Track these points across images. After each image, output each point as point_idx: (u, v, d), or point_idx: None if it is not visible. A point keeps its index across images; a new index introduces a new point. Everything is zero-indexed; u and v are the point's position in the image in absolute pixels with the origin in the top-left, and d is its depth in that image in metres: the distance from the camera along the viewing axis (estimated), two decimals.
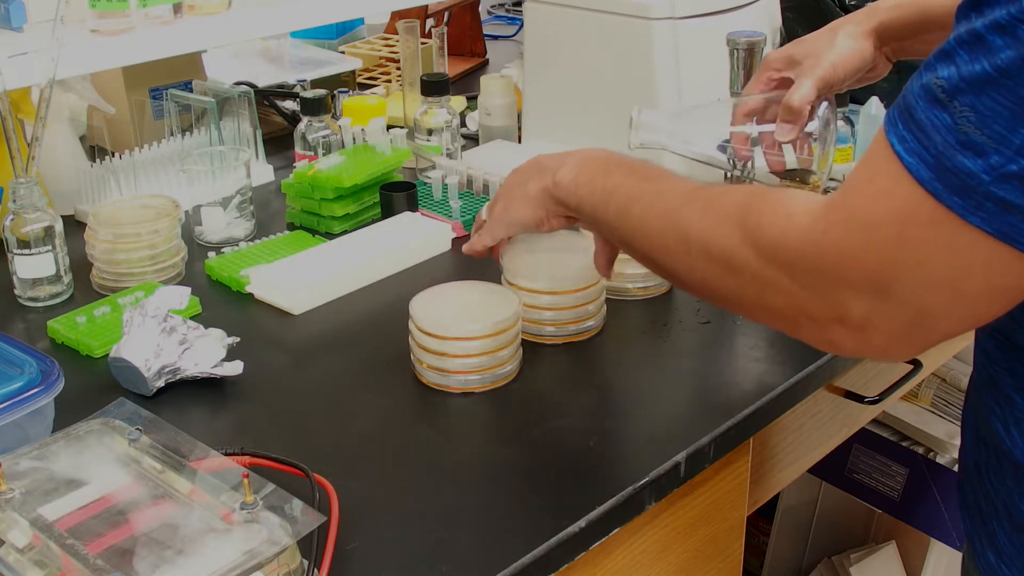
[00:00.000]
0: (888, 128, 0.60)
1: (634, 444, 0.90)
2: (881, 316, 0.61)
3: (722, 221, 0.69)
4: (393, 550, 0.77)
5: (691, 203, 0.73)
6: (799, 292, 0.64)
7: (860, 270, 0.61)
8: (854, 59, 1.00)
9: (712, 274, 0.70)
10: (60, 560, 0.67)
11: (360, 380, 0.99)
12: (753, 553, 1.75)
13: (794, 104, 0.99)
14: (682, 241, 0.73)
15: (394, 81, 1.79)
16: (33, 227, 1.10)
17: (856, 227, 0.61)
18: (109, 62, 1.29)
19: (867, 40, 1.01)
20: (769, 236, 0.65)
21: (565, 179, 0.88)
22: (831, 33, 1.01)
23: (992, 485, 0.75)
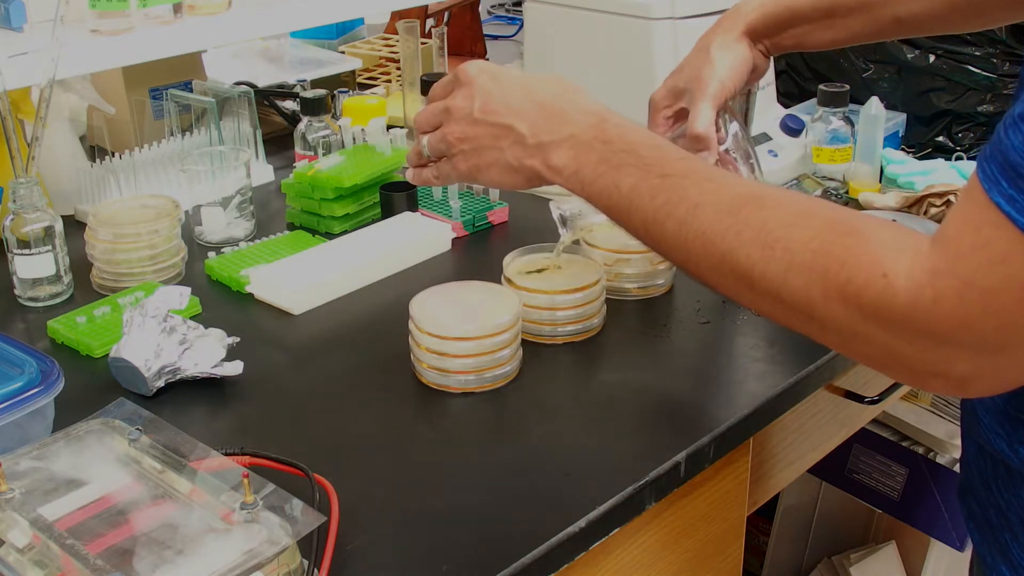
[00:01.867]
0: (988, 186, 0.57)
1: (634, 444, 0.90)
2: (990, 371, 0.60)
3: (797, 270, 0.64)
4: (393, 550, 0.77)
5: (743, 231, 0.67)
6: (899, 347, 0.62)
7: (975, 335, 0.59)
8: (737, 68, 0.98)
9: (784, 315, 0.67)
10: (60, 560, 0.67)
11: (360, 380, 0.99)
12: (753, 553, 1.75)
13: (699, 132, 0.95)
14: (742, 279, 0.68)
15: (394, 81, 1.79)
16: (33, 227, 1.10)
17: (972, 296, 0.58)
18: (109, 62, 1.29)
19: (741, 44, 0.99)
20: (865, 297, 0.61)
21: (565, 167, 0.79)
22: (703, 52, 0.99)
23: (1003, 497, 0.74)
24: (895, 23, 0.96)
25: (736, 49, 0.98)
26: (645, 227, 0.74)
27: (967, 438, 0.79)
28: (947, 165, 1.35)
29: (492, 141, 0.83)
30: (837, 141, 1.36)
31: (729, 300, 0.78)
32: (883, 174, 1.37)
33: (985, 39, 1.41)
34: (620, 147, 0.77)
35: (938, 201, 1.27)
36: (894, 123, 1.45)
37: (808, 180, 1.32)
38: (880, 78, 1.49)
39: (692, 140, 0.95)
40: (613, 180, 0.76)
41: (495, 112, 0.83)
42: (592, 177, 0.78)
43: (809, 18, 0.98)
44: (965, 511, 0.80)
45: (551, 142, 0.80)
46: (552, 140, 0.80)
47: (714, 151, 0.96)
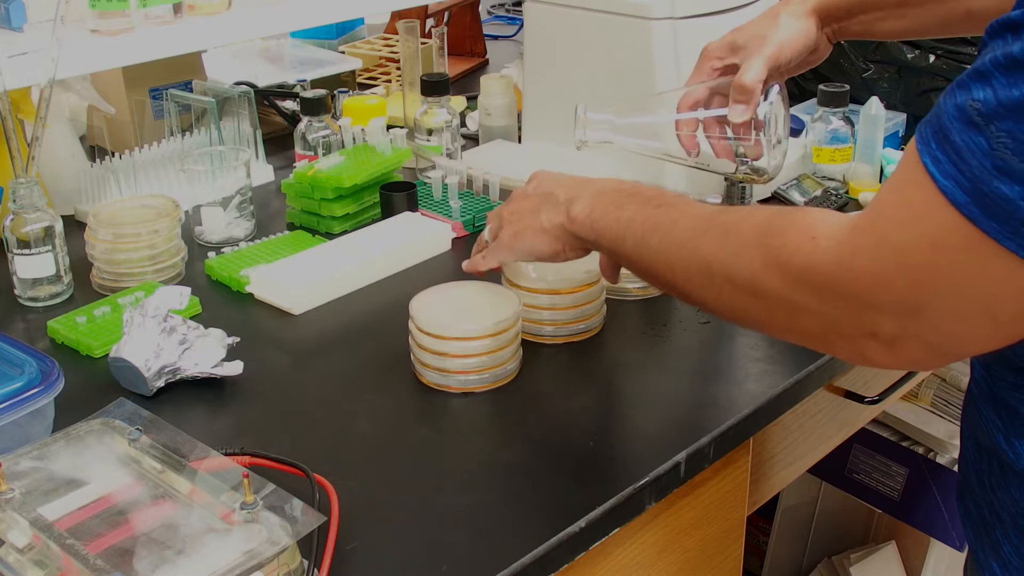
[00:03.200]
0: (921, 147, 0.59)
1: (634, 444, 0.90)
2: (913, 335, 0.61)
3: (743, 247, 0.68)
4: (393, 550, 0.77)
5: (709, 230, 0.73)
6: (829, 313, 0.63)
7: (890, 294, 0.60)
8: (799, 39, 0.99)
9: (739, 301, 0.70)
10: (60, 560, 0.67)
11: (360, 380, 0.99)
12: (753, 553, 1.75)
13: (747, 82, 0.97)
14: (705, 271, 0.72)
15: (394, 81, 1.79)
16: (33, 227, 1.10)
17: (887, 252, 0.60)
18: (109, 62, 1.29)
19: (809, 20, 1.00)
20: (794, 261, 0.64)
21: (581, 214, 0.86)
22: (772, 16, 1.01)
23: (996, 495, 0.74)
24: (967, 16, 0.96)
25: (804, 22, 1.00)
26: (636, 248, 0.80)
27: (966, 434, 0.80)
28: None
29: (535, 208, 0.91)
30: (837, 141, 1.36)
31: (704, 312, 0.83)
32: (883, 174, 1.37)
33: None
34: (630, 191, 0.84)
35: None
36: (894, 123, 1.45)
37: (808, 180, 1.32)
38: (880, 78, 1.49)
39: (737, 89, 0.97)
40: (616, 216, 0.83)
41: (544, 185, 0.92)
42: (601, 217, 0.85)
43: (882, 5, 0.98)
44: (962, 510, 0.81)
45: (577, 197, 0.87)
46: (577, 196, 0.88)
47: (752, 107, 0.97)
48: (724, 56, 1.02)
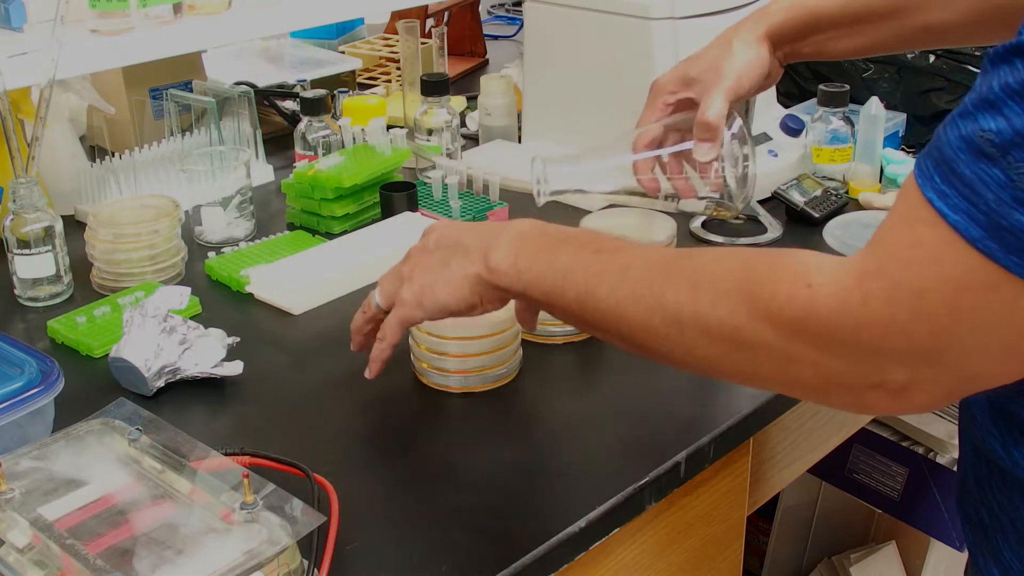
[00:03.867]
0: (922, 181, 0.56)
1: (634, 444, 0.90)
2: (927, 381, 0.58)
3: (720, 297, 0.63)
4: (393, 550, 0.77)
5: (671, 278, 0.67)
6: (831, 364, 0.59)
7: (907, 341, 0.56)
8: (755, 68, 0.96)
9: (717, 353, 0.65)
10: (60, 560, 0.67)
11: (360, 380, 0.99)
12: (753, 553, 1.75)
13: (711, 120, 0.92)
14: (673, 323, 0.66)
15: (394, 81, 1.79)
16: (33, 227, 1.10)
17: (903, 297, 0.56)
18: (109, 62, 1.29)
19: (762, 46, 0.97)
20: (790, 311, 0.60)
21: (502, 263, 0.77)
22: (724, 44, 0.97)
23: (995, 499, 0.73)
24: (923, 31, 0.94)
25: (757, 49, 0.96)
26: (578, 301, 0.72)
27: (963, 438, 0.79)
28: None
29: (443, 260, 0.81)
30: (837, 141, 1.36)
31: None
32: (883, 174, 1.37)
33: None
34: (558, 236, 0.77)
35: None
36: (894, 123, 1.45)
37: (808, 180, 1.32)
38: (880, 78, 1.49)
39: (701, 127, 0.93)
40: (548, 262, 0.75)
41: (447, 237, 0.82)
42: (529, 265, 0.76)
43: (835, 24, 0.96)
44: (961, 512, 0.80)
45: (493, 245, 0.78)
46: (495, 243, 0.78)
47: (718, 144, 0.93)
48: (677, 90, 0.98)
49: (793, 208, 1.29)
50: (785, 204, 1.29)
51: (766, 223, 1.27)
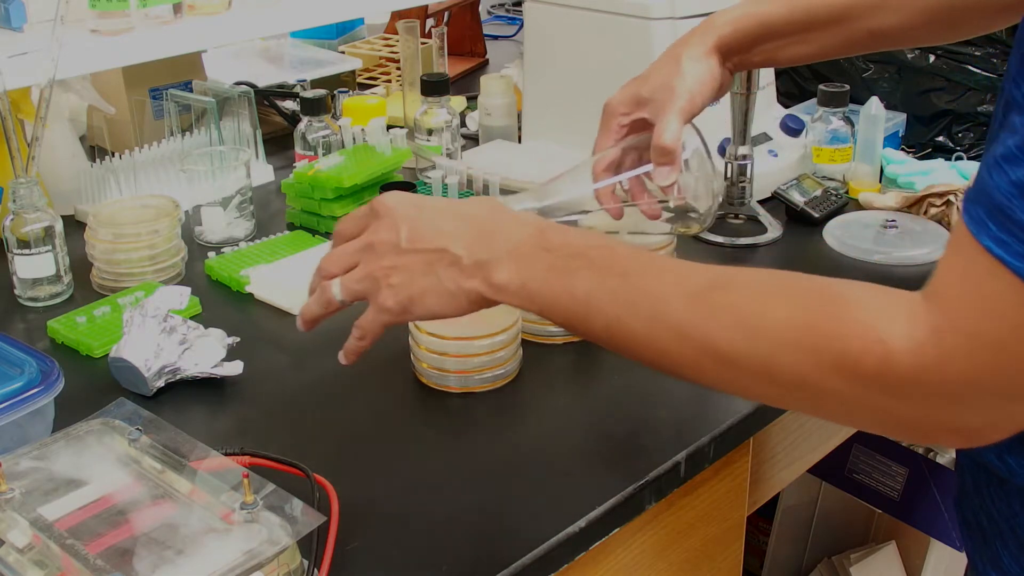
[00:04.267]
0: (976, 230, 0.55)
1: (634, 444, 0.90)
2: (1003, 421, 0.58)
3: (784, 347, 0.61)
4: (393, 550, 0.77)
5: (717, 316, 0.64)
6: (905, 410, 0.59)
7: (987, 389, 0.56)
8: (707, 83, 0.94)
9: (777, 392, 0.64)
10: (60, 560, 0.67)
11: (360, 380, 0.99)
12: (753, 553, 1.75)
13: (667, 144, 0.90)
14: (726, 365, 0.64)
15: (394, 81, 1.79)
16: (33, 227, 1.10)
17: (981, 350, 0.56)
18: (109, 62, 1.29)
19: (712, 59, 0.95)
20: (865, 367, 0.58)
21: (510, 283, 0.72)
22: (673, 61, 0.95)
23: (994, 505, 0.73)
24: (870, 36, 0.94)
25: (707, 63, 0.95)
26: (608, 330, 0.69)
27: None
28: (947, 165, 1.35)
29: (425, 268, 0.74)
30: (837, 141, 1.36)
31: None
32: (883, 174, 1.37)
33: (985, 39, 1.41)
34: (566, 253, 0.71)
35: (938, 201, 1.27)
36: (894, 123, 1.45)
37: (808, 180, 1.32)
38: (880, 78, 1.49)
39: (658, 153, 0.91)
40: (565, 287, 0.70)
41: (424, 238, 0.75)
42: (541, 288, 0.71)
43: (783, 33, 0.95)
44: (960, 517, 0.79)
45: (490, 259, 0.72)
46: (491, 257, 0.72)
47: (678, 167, 0.91)
48: (630, 111, 0.96)
49: (793, 208, 1.29)
50: (785, 204, 1.29)
51: (766, 223, 1.27)
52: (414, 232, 0.75)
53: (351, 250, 0.78)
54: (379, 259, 0.76)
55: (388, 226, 0.76)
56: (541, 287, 0.71)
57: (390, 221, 0.76)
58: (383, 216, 0.77)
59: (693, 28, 0.97)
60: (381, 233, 0.76)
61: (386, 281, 0.76)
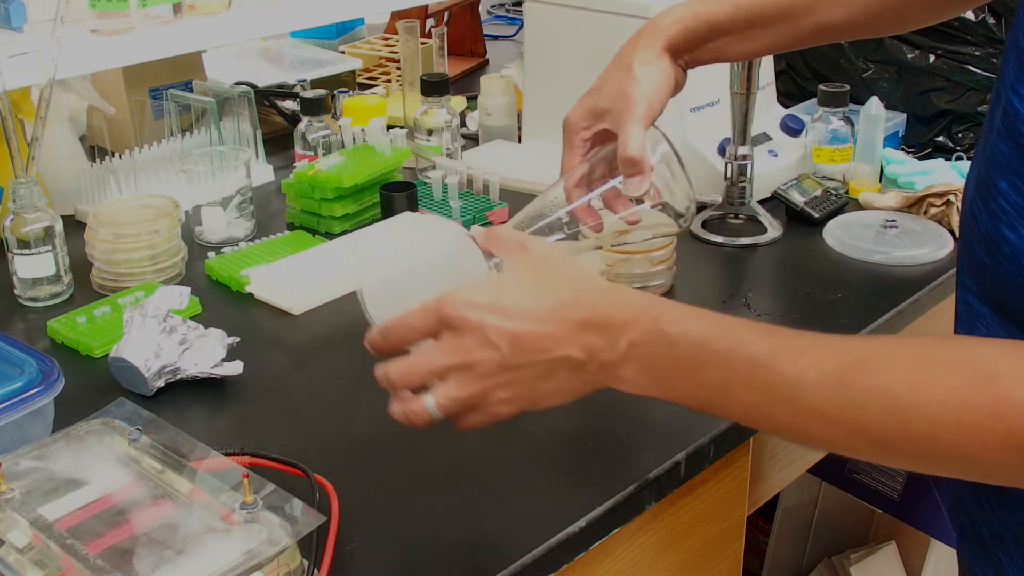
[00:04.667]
0: None
1: (634, 444, 0.90)
2: None
3: (946, 434, 0.60)
4: (393, 550, 0.77)
5: (869, 407, 0.62)
6: None
7: None
8: (662, 85, 0.92)
9: (937, 468, 0.64)
10: (60, 560, 0.67)
11: (360, 380, 0.99)
12: (753, 553, 1.75)
13: (633, 155, 0.88)
14: (882, 449, 0.63)
15: (394, 81, 1.79)
16: (33, 227, 1.10)
17: None
18: (109, 62, 1.29)
19: (664, 59, 0.94)
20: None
21: (639, 382, 0.70)
22: (625, 68, 0.93)
23: (996, 515, 0.72)
24: (817, 31, 0.94)
25: (659, 65, 0.93)
26: (747, 417, 0.68)
27: None
28: (947, 165, 1.35)
29: (543, 377, 0.71)
30: (837, 141, 1.36)
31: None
32: (883, 174, 1.37)
33: (985, 39, 1.41)
34: (689, 347, 0.68)
35: (938, 201, 1.27)
36: (894, 123, 1.45)
37: (808, 180, 1.32)
38: (880, 78, 1.49)
39: (626, 165, 0.89)
40: (697, 381, 0.68)
41: (536, 351, 0.70)
42: (670, 383, 0.69)
43: (729, 30, 0.94)
44: (956, 527, 0.78)
45: (612, 361, 0.70)
46: (613, 358, 0.70)
47: (647, 175, 0.89)
48: (590, 124, 0.94)
49: (793, 208, 1.29)
50: (785, 204, 1.29)
51: (766, 223, 1.27)
52: (518, 346, 0.70)
53: (436, 368, 0.72)
54: (484, 379, 0.71)
55: (481, 343, 0.70)
56: (671, 383, 0.69)
57: (480, 337, 0.70)
58: (467, 331, 0.71)
59: (639, 30, 0.96)
60: (476, 353, 0.70)
61: (496, 396, 0.72)
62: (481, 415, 0.73)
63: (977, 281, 0.70)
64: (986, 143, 0.69)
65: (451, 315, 0.71)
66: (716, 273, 1.22)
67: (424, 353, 0.73)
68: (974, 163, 0.72)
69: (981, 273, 0.69)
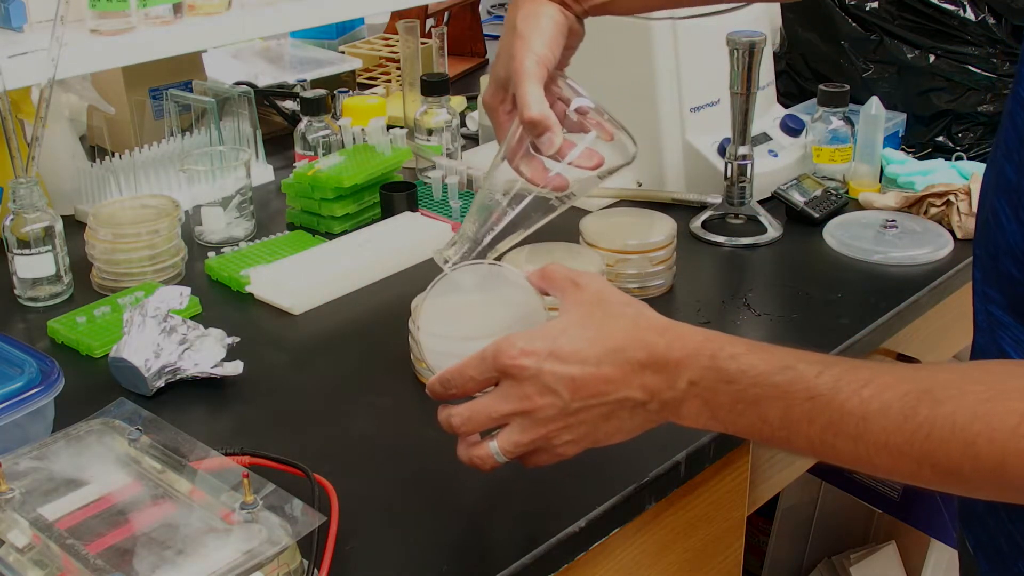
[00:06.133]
0: None
1: (634, 444, 0.89)
2: None
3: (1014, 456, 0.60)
4: (393, 550, 0.77)
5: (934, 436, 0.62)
6: None
7: None
8: (550, 34, 0.89)
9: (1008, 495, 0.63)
10: (60, 560, 0.67)
11: (360, 380, 0.99)
12: (753, 553, 1.75)
13: (531, 116, 0.85)
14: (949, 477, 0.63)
15: (394, 81, 1.79)
16: (33, 227, 1.10)
17: None
18: (109, 62, 1.29)
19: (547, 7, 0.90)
20: None
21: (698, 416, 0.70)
22: (510, 29, 0.90)
23: (1015, 525, 0.72)
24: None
25: (543, 14, 0.90)
26: (812, 449, 0.67)
27: None
28: (947, 165, 1.35)
29: (605, 419, 0.72)
30: (837, 141, 1.36)
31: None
32: (883, 174, 1.37)
33: (985, 39, 1.41)
34: (748, 382, 0.68)
35: (938, 201, 1.27)
36: (894, 123, 1.45)
37: (808, 180, 1.32)
38: (880, 78, 1.49)
39: (529, 127, 0.86)
40: (758, 416, 0.68)
41: (597, 394, 0.71)
42: (732, 418, 0.69)
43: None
44: (971, 539, 0.78)
45: (673, 399, 0.70)
46: (674, 396, 0.70)
47: (557, 129, 0.86)
48: (504, 98, 0.92)
49: (793, 208, 1.29)
50: (785, 204, 1.29)
51: (766, 223, 1.27)
52: (578, 390, 0.71)
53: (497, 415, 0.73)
54: (546, 424, 0.72)
55: (540, 390, 0.71)
56: (734, 419, 0.69)
57: (539, 384, 0.71)
58: (526, 379, 0.71)
59: None
60: (536, 399, 0.71)
61: (560, 438, 0.73)
62: (547, 455, 0.74)
63: (1003, 292, 0.69)
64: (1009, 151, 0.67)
65: (508, 365, 0.71)
66: (716, 273, 1.22)
67: (485, 400, 0.73)
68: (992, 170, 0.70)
69: (1009, 284, 0.68)
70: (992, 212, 0.69)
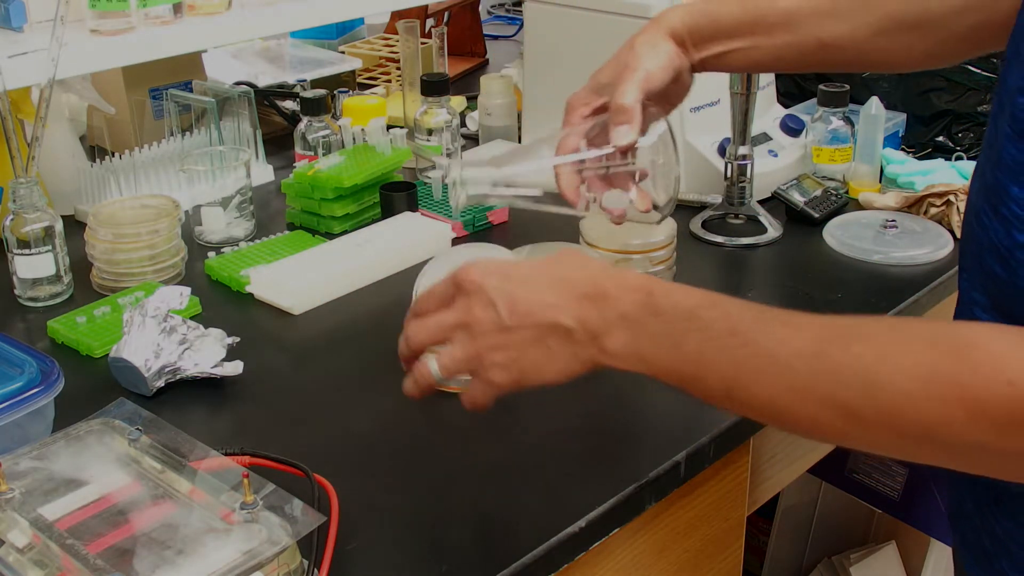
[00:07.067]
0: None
1: (634, 444, 0.90)
2: None
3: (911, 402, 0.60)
4: (393, 550, 0.77)
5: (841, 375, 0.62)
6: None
7: None
8: (664, 62, 0.92)
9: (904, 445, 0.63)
10: (60, 560, 0.67)
11: (360, 380, 0.99)
12: (753, 553, 1.75)
13: (625, 103, 0.88)
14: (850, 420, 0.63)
15: (394, 81, 1.79)
16: (33, 227, 1.10)
17: None
18: (109, 62, 1.29)
19: (668, 44, 0.93)
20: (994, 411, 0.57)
21: (623, 350, 0.71)
22: (628, 48, 0.94)
23: (999, 524, 0.72)
24: (819, 47, 0.92)
25: (663, 47, 0.93)
26: (725, 391, 0.68)
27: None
28: (947, 165, 1.35)
29: (534, 342, 0.73)
30: (837, 141, 1.36)
31: None
32: (883, 174, 1.37)
33: None
34: (675, 315, 0.70)
35: (938, 201, 1.27)
36: (894, 123, 1.45)
37: (808, 180, 1.32)
38: (880, 78, 1.49)
39: (616, 111, 0.89)
40: (678, 350, 0.69)
41: (528, 313, 0.73)
42: (655, 353, 0.70)
43: (732, 34, 0.94)
44: (957, 537, 0.78)
45: (602, 328, 0.72)
46: (603, 326, 0.72)
47: (635, 125, 0.89)
48: (591, 101, 0.95)
49: (793, 208, 1.29)
50: (785, 204, 1.29)
51: (766, 223, 1.27)
52: (515, 307, 0.73)
53: (444, 325, 0.76)
54: (480, 338, 0.74)
55: (483, 303, 0.74)
56: (655, 353, 0.70)
57: (483, 297, 0.74)
58: (473, 292, 0.75)
59: (644, 25, 0.96)
60: (476, 311, 0.74)
61: (491, 359, 0.75)
62: (480, 385, 0.76)
63: (987, 293, 0.69)
64: (991, 150, 0.68)
65: (462, 279, 0.76)
66: (716, 273, 1.22)
67: (436, 313, 0.77)
68: (976, 174, 0.71)
69: (992, 283, 0.68)
70: (975, 214, 0.69)
